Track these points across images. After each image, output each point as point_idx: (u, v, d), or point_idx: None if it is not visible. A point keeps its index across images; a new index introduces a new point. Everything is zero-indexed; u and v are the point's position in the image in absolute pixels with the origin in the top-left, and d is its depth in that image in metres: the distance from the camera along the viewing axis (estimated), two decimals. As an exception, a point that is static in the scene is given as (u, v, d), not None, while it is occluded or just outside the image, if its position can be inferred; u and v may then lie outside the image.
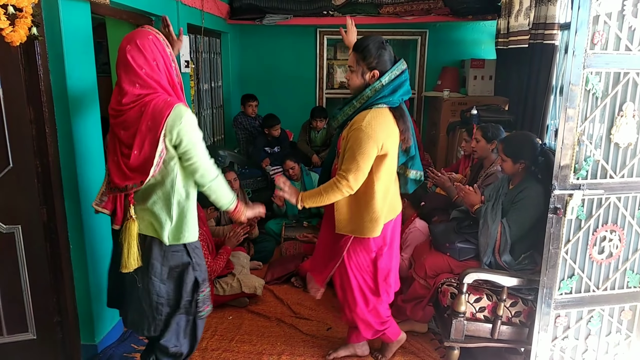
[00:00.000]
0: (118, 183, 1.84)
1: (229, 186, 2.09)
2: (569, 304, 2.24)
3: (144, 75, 1.80)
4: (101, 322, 2.67)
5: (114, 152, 1.86)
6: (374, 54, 2.12)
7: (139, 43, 1.80)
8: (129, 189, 1.84)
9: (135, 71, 1.79)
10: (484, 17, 4.98)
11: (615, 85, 2.06)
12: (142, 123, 1.78)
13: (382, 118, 2.11)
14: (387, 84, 2.12)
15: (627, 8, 1.99)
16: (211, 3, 4.43)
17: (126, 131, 1.81)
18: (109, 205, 1.91)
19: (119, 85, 1.83)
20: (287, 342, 2.83)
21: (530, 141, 2.57)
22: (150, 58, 1.81)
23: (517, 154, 2.51)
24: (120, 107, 1.80)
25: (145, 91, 1.80)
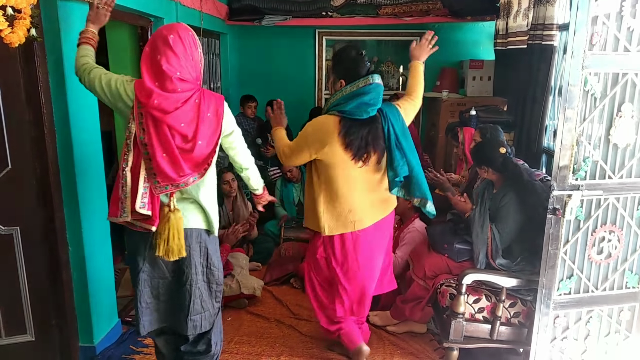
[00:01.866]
0: (175, 178, 1.79)
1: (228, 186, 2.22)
2: (567, 304, 2.24)
3: (183, 65, 1.79)
4: (100, 323, 2.66)
5: (164, 149, 1.78)
6: (341, 63, 2.23)
7: (181, 34, 1.81)
8: (189, 183, 1.82)
9: (178, 59, 1.78)
10: (482, 18, 4.98)
11: (614, 86, 2.07)
12: (203, 113, 1.82)
13: (320, 124, 2.21)
14: (346, 94, 2.15)
15: (626, 9, 2.00)
16: (210, 4, 4.43)
17: (186, 123, 1.79)
18: (150, 206, 1.82)
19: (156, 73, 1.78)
20: (286, 343, 2.83)
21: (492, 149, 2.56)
22: (189, 52, 1.82)
23: (478, 160, 2.61)
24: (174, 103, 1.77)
25: (184, 79, 1.80)
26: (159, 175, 1.79)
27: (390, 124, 2.19)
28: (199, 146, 1.80)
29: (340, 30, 5.44)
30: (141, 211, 1.80)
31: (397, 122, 2.23)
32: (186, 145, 1.80)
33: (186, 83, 1.80)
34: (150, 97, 1.76)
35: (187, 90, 1.81)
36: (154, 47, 1.80)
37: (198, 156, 1.81)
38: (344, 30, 5.42)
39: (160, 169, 1.78)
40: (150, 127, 1.78)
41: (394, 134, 2.19)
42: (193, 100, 1.81)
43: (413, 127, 5.27)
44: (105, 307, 2.72)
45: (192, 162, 1.81)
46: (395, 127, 2.20)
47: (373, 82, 2.14)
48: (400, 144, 2.20)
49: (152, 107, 1.76)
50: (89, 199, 2.49)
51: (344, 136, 2.12)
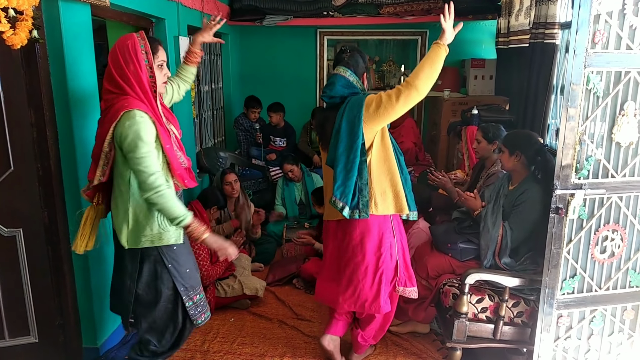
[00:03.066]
0: (89, 176, 1.99)
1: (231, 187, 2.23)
2: (571, 304, 2.23)
3: (115, 76, 1.91)
4: (103, 325, 2.66)
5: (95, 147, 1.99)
6: None
7: (117, 44, 1.94)
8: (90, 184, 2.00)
9: (111, 70, 1.92)
10: (484, 16, 4.97)
11: (617, 85, 2.06)
12: (106, 117, 1.92)
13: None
14: None
15: (628, 7, 1.99)
16: (211, 4, 4.44)
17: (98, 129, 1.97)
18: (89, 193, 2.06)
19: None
20: (289, 343, 2.82)
21: (530, 136, 2.58)
22: (123, 60, 1.90)
23: (514, 145, 2.51)
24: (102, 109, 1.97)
25: (114, 89, 1.92)
26: None
27: (342, 112, 2.21)
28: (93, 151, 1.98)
29: (341, 30, 5.43)
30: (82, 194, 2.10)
31: (349, 113, 2.18)
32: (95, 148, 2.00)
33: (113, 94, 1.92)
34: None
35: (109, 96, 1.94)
36: None
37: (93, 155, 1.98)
38: (346, 29, 5.41)
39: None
40: None
41: (339, 124, 2.20)
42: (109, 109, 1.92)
43: (415, 125, 5.29)
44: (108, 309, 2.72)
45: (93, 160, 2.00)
46: (343, 119, 2.19)
47: (332, 75, 2.31)
48: (339, 137, 2.18)
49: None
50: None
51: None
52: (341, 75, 2.27)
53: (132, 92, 1.90)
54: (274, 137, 5.06)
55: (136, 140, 1.82)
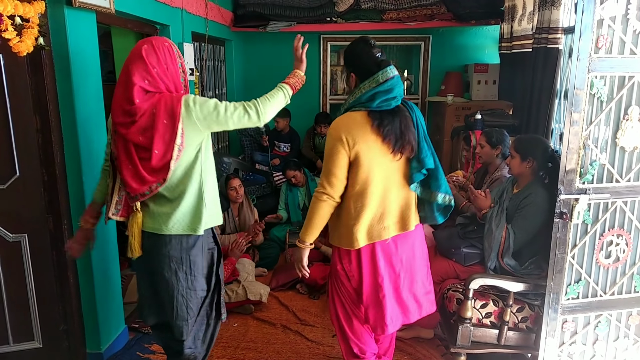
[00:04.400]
0: (137, 188, 1.85)
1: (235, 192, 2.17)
2: (576, 309, 2.22)
3: (154, 74, 1.84)
4: (107, 330, 2.67)
5: (128, 161, 1.86)
6: (350, 56, 2.06)
7: (155, 44, 1.87)
8: (152, 190, 1.86)
9: (147, 68, 1.83)
10: (487, 22, 4.98)
11: (621, 89, 2.06)
12: (158, 121, 1.82)
13: (350, 120, 1.94)
14: (367, 91, 1.93)
15: (632, 12, 1.99)
16: (215, 11, 4.46)
17: (143, 135, 1.83)
18: (124, 213, 1.94)
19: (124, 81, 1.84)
20: (292, 349, 2.82)
21: (543, 142, 2.59)
22: (162, 61, 1.86)
23: (526, 151, 2.50)
24: (133, 111, 1.82)
25: (152, 88, 1.85)
26: (127, 186, 1.87)
27: (415, 113, 2.03)
28: (155, 155, 1.83)
29: (344, 36, 5.45)
30: (113, 217, 1.93)
31: (420, 114, 2.06)
32: (145, 155, 1.85)
33: (149, 94, 1.85)
34: (114, 112, 1.86)
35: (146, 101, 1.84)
36: (129, 59, 1.86)
37: (155, 165, 1.85)
38: (349, 35, 5.42)
39: (126, 180, 1.86)
40: (119, 142, 1.87)
41: (421, 124, 2.02)
42: (150, 111, 1.84)
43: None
44: (112, 314, 2.73)
45: (151, 170, 1.86)
46: (420, 118, 2.04)
47: (393, 75, 1.94)
48: (427, 135, 2.03)
49: (118, 124, 1.85)
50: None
51: (378, 127, 1.89)
52: (398, 75, 1.97)
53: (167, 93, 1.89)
54: (278, 142, 5.08)
55: (208, 103, 1.90)
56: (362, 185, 1.94)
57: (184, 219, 1.93)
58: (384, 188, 1.97)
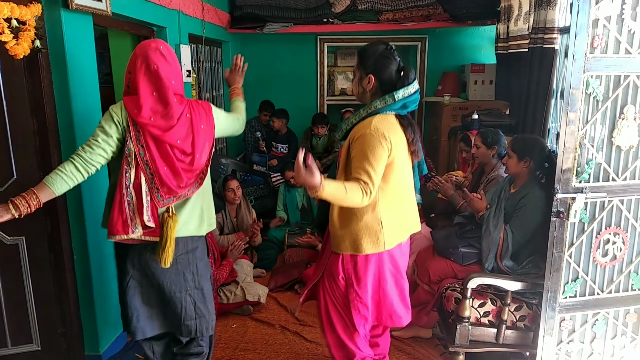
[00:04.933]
0: (177, 191, 1.88)
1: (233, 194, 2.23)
2: (573, 307, 2.23)
3: (176, 75, 1.89)
4: (105, 332, 2.67)
5: (165, 161, 1.85)
6: (372, 58, 1.99)
7: (167, 47, 1.90)
8: (189, 194, 1.93)
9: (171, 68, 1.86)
10: (483, 22, 5.00)
11: (616, 89, 2.07)
12: (197, 125, 1.90)
13: (388, 123, 1.93)
14: (400, 99, 1.94)
15: (626, 11, 2.00)
16: (212, 13, 4.47)
17: (181, 139, 1.86)
18: (153, 219, 1.87)
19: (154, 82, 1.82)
20: (291, 349, 2.82)
21: (540, 142, 2.60)
22: (176, 61, 1.92)
23: (523, 151, 2.51)
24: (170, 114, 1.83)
25: (176, 89, 1.89)
26: (162, 189, 1.85)
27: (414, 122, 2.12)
28: (197, 159, 1.89)
29: (341, 37, 5.46)
30: (148, 224, 1.86)
31: None
32: (186, 158, 1.88)
33: (176, 95, 1.88)
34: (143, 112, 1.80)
35: (178, 103, 1.87)
36: (147, 58, 1.83)
37: (197, 168, 1.92)
38: (345, 36, 5.44)
39: (164, 182, 1.85)
40: (150, 144, 1.84)
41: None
42: (184, 115, 1.88)
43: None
44: (111, 316, 2.73)
45: (192, 173, 1.91)
46: None
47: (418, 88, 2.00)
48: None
49: (150, 125, 1.82)
50: (94, 208, 2.50)
51: (409, 130, 1.99)
52: None
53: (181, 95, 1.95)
54: (276, 143, 5.09)
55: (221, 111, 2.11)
56: (392, 186, 1.96)
57: (190, 221, 1.97)
58: (407, 191, 2.07)
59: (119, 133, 1.86)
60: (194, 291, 2.01)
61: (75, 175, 1.80)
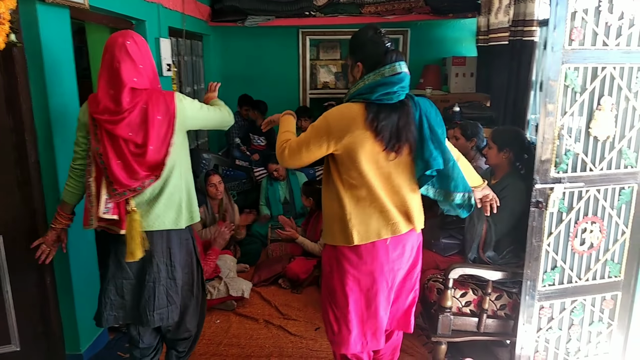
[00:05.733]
0: (129, 184, 1.86)
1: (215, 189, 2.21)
2: (552, 295, 2.28)
3: (142, 71, 1.87)
4: (86, 331, 2.63)
5: (118, 156, 1.85)
6: (358, 45, 1.89)
7: (136, 39, 1.89)
8: (145, 186, 1.89)
9: (135, 65, 1.85)
10: (464, 15, 5.03)
11: (593, 80, 2.10)
12: (152, 117, 1.84)
13: (345, 111, 1.83)
14: (369, 83, 1.81)
15: (603, 4, 2.03)
16: (192, 6, 4.41)
17: (134, 131, 1.84)
18: (116, 211, 1.89)
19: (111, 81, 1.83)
20: (275, 343, 2.83)
21: (519, 134, 2.63)
22: (146, 55, 1.91)
23: (504, 142, 2.54)
24: (120, 111, 1.82)
25: (140, 85, 1.86)
26: (115, 182, 1.85)
27: (421, 110, 1.87)
28: (150, 151, 1.85)
29: (323, 30, 5.44)
30: (105, 216, 1.88)
31: (431, 110, 1.91)
32: (139, 150, 1.86)
33: (138, 91, 1.86)
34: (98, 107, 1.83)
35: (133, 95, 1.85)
36: (112, 55, 1.83)
37: (151, 161, 1.87)
38: (328, 29, 5.43)
39: (115, 176, 1.85)
40: (104, 138, 1.85)
41: (427, 121, 1.86)
42: (140, 106, 1.85)
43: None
44: (92, 314, 2.68)
45: (146, 166, 1.87)
46: (428, 115, 1.88)
47: (401, 72, 1.80)
48: (436, 133, 1.86)
49: (102, 120, 1.83)
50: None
51: (372, 122, 1.77)
52: (408, 75, 1.84)
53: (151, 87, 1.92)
54: (253, 135, 5.08)
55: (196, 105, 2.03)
56: (357, 180, 1.84)
57: (166, 214, 1.97)
58: (381, 186, 1.86)
59: (85, 131, 1.91)
60: (167, 281, 2.03)
61: (78, 186, 1.99)
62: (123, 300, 2.04)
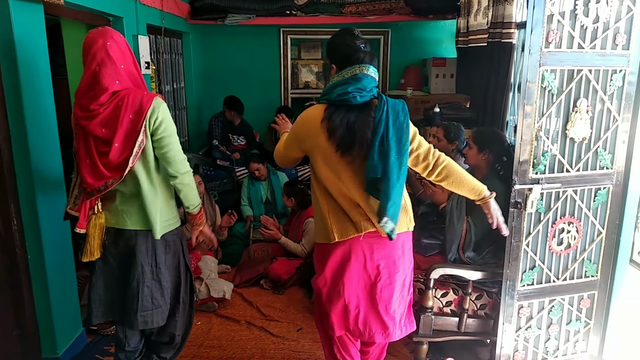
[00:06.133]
0: (93, 183, 1.84)
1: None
2: (531, 294, 2.31)
3: (122, 72, 1.84)
4: (63, 333, 2.57)
5: (87, 155, 1.85)
6: (332, 46, 1.92)
7: (117, 39, 1.85)
8: (108, 186, 1.85)
9: (116, 67, 1.82)
10: (444, 16, 5.07)
11: (570, 82, 2.14)
12: (123, 116, 1.80)
13: (310, 113, 1.87)
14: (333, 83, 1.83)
15: (579, 7, 2.07)
16: (171, 3, 4.35)
17: (106, 128, 1.82)
18: (80, 208, 1.91)
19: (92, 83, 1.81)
20: (257, 345, 2.81)
21: (499, 136, 2.66)
22: (127, 55, 1.88)
23: (484, 143, 2.56)
24: (96, 107, 1.80)
25: (121, 87, 1.84)
26: (83, 182, 1.87)
27: (385, 115, 1.79)
28: (114, 148, 1.81)
29: (304, 29, 5.43)
30: (70, 212, 1.94)
31: (396, 116, 1.81)
32: (105, 149, 1.84)
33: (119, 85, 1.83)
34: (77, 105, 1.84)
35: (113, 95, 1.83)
36: (92, 56, 1.81)
37: (113, 160, 1.83)
38: (309, 29, 5.41)
39: (83, 175, 1.86)
40: (80, 136, 1.86)
41: (384, 126, 1.78)
42: (114, 103, 1.82)
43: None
44: (69, 317, 2.64)
45: (109, 165, 1.84)
46: (389, 121, 1.79)
47: (357, 73, 1.79)
48: (387, 143, 1.77)
49: (79, 117, 1.83)
50: (49, 206, 2.40)
51: (325, 122, 1.78)
52: (370, 77, 1.82)
53: (134, 86, 1.89)
54: (232, 135, 5.04)
55: (170, 124, 1.91)
56: (323, 180, 1.87)
57: (147, 216, 1.94)
58: (342, 187, 1.85)
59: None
60: (151, 282, 2.00)
61: None
62: (111, 296, 2.03)
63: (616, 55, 2.15)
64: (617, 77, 2.17)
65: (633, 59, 2.16)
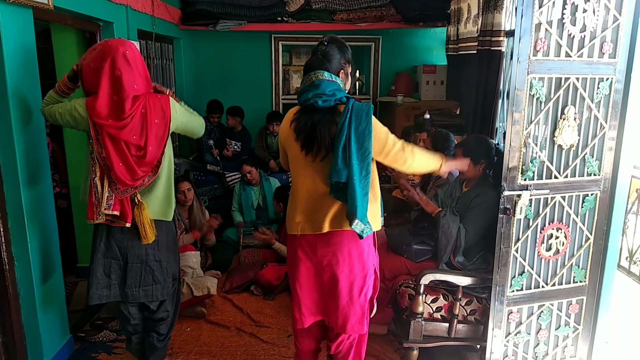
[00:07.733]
0: (132, 183, 2.09)
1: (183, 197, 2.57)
2: (520, 300, 2.32)
3: (139, 78, 2.07)
4: (50, 341, 2.54)
5: (120, 158, 2.07)
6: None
7: (134, 48, 2.08)
8: (145, 183, 2.14)
9: (134, 74, 2.05)
10: (434, 24, 5.12)
11: (557, 90, 2.16)
12: (151, 120, 2.08)
13: (286, 117, 2.06)
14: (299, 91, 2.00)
15: (567, 17, 2.10)
16: (162, 8, 4.35)
17: (137, 135, 2.07)
18: (117, 207, 2.12)
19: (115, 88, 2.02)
20: (247, 351, 2.79)
21: (486, 141, 2.67)
22: (140, 63, 2.11)
23: (478, 155, 2.56)
24: (124, 118, 2.03)
25: (139, 92, 2.07)
26: (118, 182, 2.08)
27: (347, 121, 1.84)
28: (150, 151, 2.09)
29: (296, 36, 5.44)
30: (106, 212, 2.11)
31: (361, 120, 1.85)
32: (140, 152, 2.09)
33: (136, 97, 2.07)
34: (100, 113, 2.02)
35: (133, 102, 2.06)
36: (113, 63, 2.01)
37: (150, 160, 2.12)
38: (300, 35, 5.43)
39: (118, 177, 2.07)
40: (107, 142, 2.05)
41: (346, 133, 1.83)
42: (140, 111, 2.07)
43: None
44: (56, 324, 2.61)
45: (146, 165, 2.12)
46: (351, 126, 1.84)
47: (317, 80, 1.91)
48: (349, 149, 1.83)
49: (106, 125, 2.03)
50: (36, 211, 2.38)
51: (292, 124, 1.96)
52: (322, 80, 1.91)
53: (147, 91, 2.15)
54: (230, 140, 5.03)
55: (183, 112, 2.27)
56: (293, 177, 2.08)
57: (156, 206, 2.22)
58: (305, 185, 1.99)
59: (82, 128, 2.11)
60: (153, 263, 2.26)
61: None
62: (109, 280, 2.25)
63: (603, 63, 2.18)
64: (604, 85, 2.20)
65: (619, 68, 2.20)
